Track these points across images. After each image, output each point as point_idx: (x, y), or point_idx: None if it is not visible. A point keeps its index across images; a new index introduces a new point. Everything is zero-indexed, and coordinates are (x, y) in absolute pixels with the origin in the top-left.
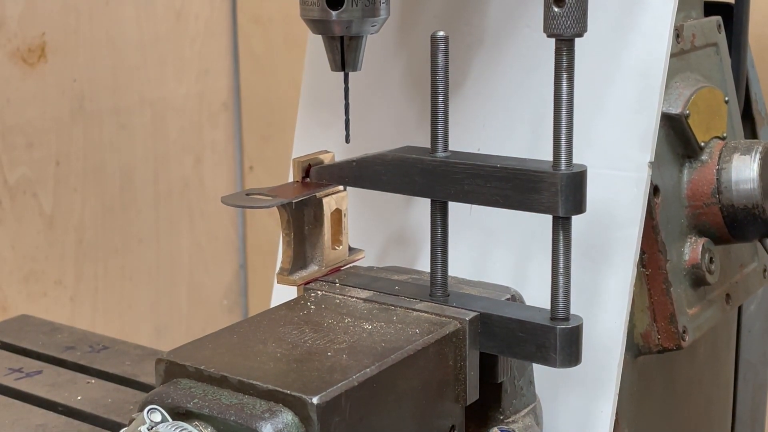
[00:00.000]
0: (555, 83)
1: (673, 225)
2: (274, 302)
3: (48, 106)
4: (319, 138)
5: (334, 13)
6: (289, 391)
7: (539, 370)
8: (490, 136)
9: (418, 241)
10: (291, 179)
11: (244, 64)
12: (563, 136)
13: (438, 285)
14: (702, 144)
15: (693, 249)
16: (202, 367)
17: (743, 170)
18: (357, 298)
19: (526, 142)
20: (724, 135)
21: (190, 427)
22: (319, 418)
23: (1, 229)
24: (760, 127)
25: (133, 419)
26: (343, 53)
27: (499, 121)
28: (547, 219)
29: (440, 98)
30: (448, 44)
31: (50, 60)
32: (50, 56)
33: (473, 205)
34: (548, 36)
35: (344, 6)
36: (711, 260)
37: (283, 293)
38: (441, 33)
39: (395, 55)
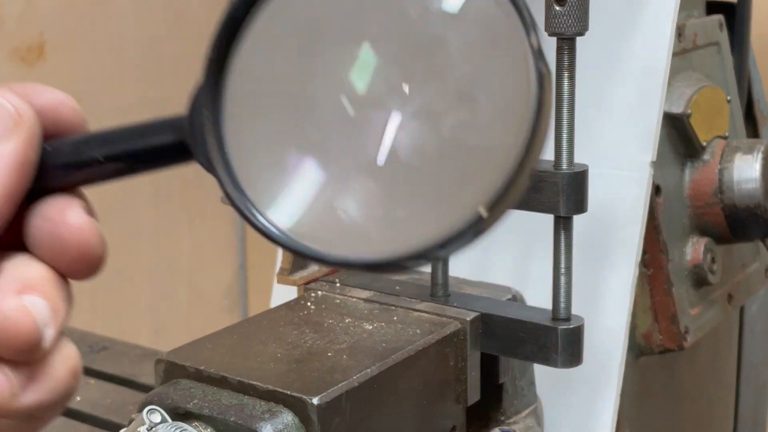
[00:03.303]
0: (556, 82)
1: (675, 225)
2: (274, 302)
3: None
4: None
5: None
6: (289, 392)
7: (540, 371)
8: None
9: None
10: None
11: None
12: (564, 136)
13: (439, 285)
14: (704, 143)
15: (695, 249)
16: (201, 368)
17: (745, 170)
18: (357, 298)
19: None
20: (726, 135)
21: (189, 428)
22: (320, 419)
23: None
24: (762, 126)
25: (133, 420)
26: None
27: None
28: (548, 218)
29: None
30: None
31: (49, 59)
32: (49, 55)
33: None
34: (549, 35)
35: None
36: (713, 260)
37: (283, 293)
38: None
39: None
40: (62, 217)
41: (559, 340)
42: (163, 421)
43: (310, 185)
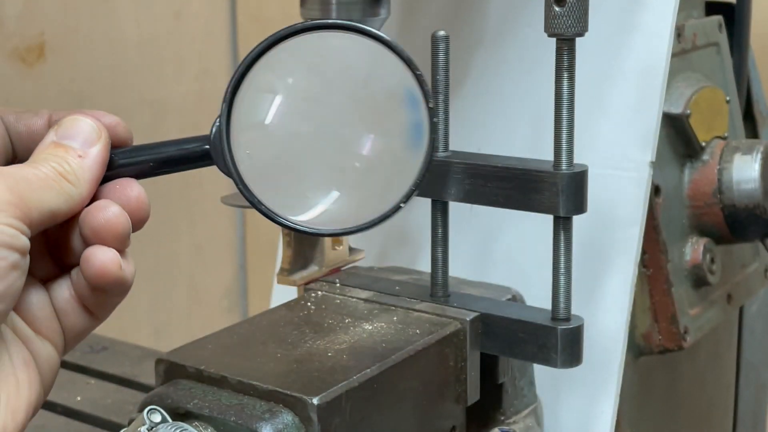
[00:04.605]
0: (556, 83)
1: (675, 225)
2: (274, 302)
3: (47, 106)
4: None
5: (334, 11)
6: (289, 392)
7: (540, 371)
8: (490, 135)
9: (418, 241)
10: None
11: None
12: (564, 136)
13: (438, 285)
14: (703, 144)
15: (694, 249)
16: (202, 368)
17: (744, 170)
18: (357, 298)
19: (526, 141)
20: (726, 135)
21: (190, 428)
22: (320, 419)
23: None
24: (762, 127)
25: (133, 420)
26: None
27: (500, 121)
28: (548, 219)
29: (440, 98)
30: (449, 44)
31: (49, 60)
32: (49, 56)
33: (473, 205)
34: (549, 35)
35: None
36: (712, 260)
37: (283, 293)
38: (441, 32)
39: None
40: (129, 183)
41: (558, 340)
42: (164, 421)
43: (298, 184)
